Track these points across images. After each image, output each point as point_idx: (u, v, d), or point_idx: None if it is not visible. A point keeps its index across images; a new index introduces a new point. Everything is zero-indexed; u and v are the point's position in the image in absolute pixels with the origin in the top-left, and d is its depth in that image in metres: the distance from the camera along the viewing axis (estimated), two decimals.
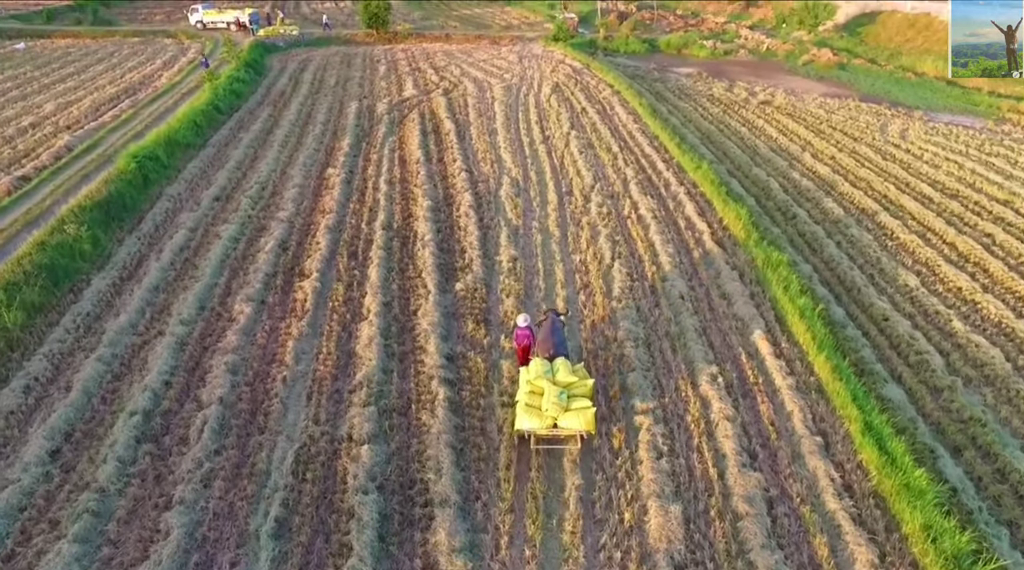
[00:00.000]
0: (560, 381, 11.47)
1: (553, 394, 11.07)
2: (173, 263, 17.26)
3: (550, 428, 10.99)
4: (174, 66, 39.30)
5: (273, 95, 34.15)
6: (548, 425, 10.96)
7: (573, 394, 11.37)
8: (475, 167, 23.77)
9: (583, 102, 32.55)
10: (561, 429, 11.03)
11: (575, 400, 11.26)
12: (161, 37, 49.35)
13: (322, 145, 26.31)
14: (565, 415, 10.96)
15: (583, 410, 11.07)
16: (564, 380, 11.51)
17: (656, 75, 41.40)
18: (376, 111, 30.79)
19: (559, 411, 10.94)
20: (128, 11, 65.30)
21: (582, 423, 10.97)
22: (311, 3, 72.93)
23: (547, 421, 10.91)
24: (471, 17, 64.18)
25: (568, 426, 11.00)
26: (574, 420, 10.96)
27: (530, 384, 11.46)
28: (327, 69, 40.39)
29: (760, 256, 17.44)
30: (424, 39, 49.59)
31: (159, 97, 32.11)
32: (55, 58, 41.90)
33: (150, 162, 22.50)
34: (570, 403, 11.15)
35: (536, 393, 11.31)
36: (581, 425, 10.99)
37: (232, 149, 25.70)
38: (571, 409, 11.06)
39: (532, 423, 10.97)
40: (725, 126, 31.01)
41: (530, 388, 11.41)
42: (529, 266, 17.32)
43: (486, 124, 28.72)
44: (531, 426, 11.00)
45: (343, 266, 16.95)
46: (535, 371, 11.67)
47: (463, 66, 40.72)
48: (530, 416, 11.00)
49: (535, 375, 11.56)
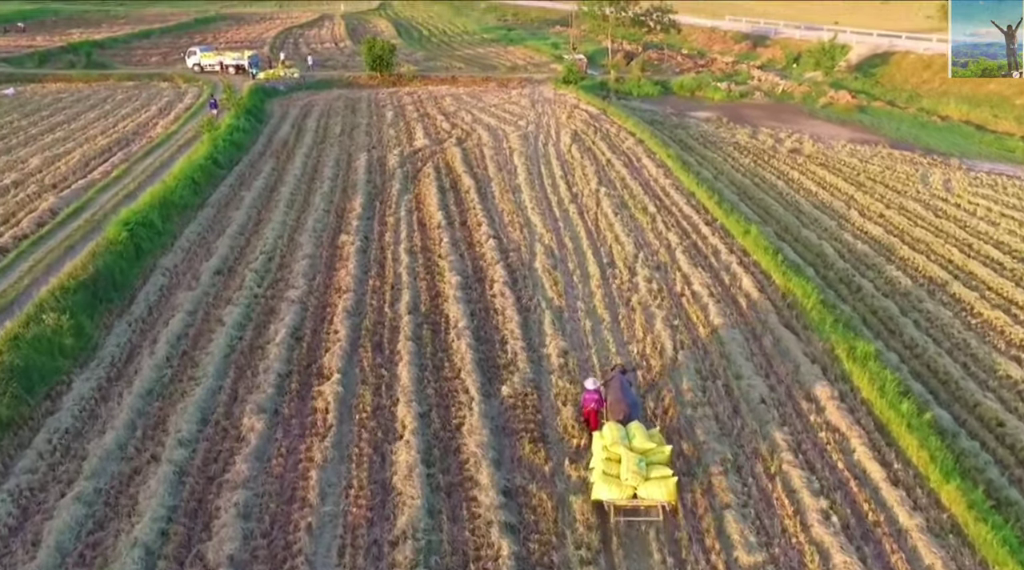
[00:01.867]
0: (637, 447, 10.91)
1: (632, 462, 10.50)
2: (169, 358, 14.90)
3: (630, 498, 10.48)
4: (170, 113, 37.30)
5: (276, 145, 32.11)
6: (628, 495, 10.46)
7: (652, 461, 10.76)
8: (503, 232, 21.63)
9: (607, 153, 30.67)
10: (641, 499, 10.49)
11: (654, 468, 10.63)
12: (157, 81, 47.47)
13: (332, 205, 24.16)
14: (645, 484, 10.38)
15: (664, 479, 10.45)
16: (641, 446, 10.95)
17: (675, 120, 39.75)
18: (387, 164, 28.75)
19: (639, 480, 10.38)
20: (123, 53, 63.70)
21: (664, 493, 10.39)
22: (310, 44, 71.65)
23: (627, 491, 10.39)
24: (475, 57, 62.88)
25: (649, 496, 10.45)
26: (655, 490, 10.37)
27: (606, 451, 10.89)
28: (331, 115, 38.48)
29: (841, 345, 15.30)
30: (430, 81, 47.96)
31: (154, 149, 29.99)
32: (45, 104, 39.86)
33: (143, 229, 20.24)
34: (649, 471, 10.54)
35: (613, 460, 10.77)
36: (663, 495, 10.43)
37: (233, 210, 23.50)
38: (651, 478, 10.45)
39: (611, 493, 10.47)
40: (759, 179, 29.14)
41: (606, 455, 10.86)
42: (582, 360, 15.07)
43: (508, 179, 26.69)
44: (610, 496, 10.50)
45: (368, 363, 14.64)
46: (610, 436, 11.05)
47: (474, 111, 38.93)
48: (608, 485, 10.46)
49: (611, 441, 10.97)
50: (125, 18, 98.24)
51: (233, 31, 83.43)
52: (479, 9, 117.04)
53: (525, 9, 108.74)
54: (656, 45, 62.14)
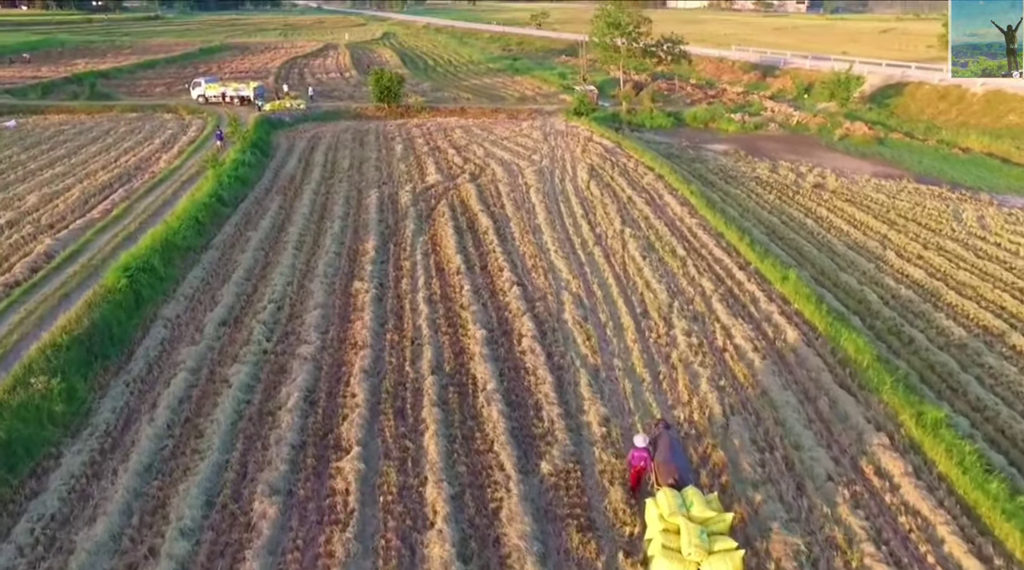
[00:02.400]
0: (697, 517, 10.06)
1: (693, 534, 9.65)
2: (170, 426, 13.52)
3: None
4: (173, 146, 36.25)
5: (282, 180, 30.99)
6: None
7: (713, 532, 9.93)
8: (527, 279, 20.35)
9: (627, 189, 29.53)
10: None
11: (717, 539, 9.78)
12: (160, 112, 46.56)
13: (343, 247, 22.91)
14: (710, 559, 9.49)
15: (730, 552, 9.58)
16: (701, 515, 10.10)
17: (692, 153, 38.72)
18: (400, 201, 27.57)
19: (702, 554, 9.50)
20: (127, 83, 63.10)
21: (730, 569, 9.47)
22: (315, 74, 71.16)
23: (689, 567, 9.55)
24: (482, 88, 62.25)
25: None
26: (721, 564, 9.48)
27: (663, 521, 10.07)
28: (339, 148, 37.45)
29: (906, 410, 13.93)
30: (438, 113, 47.09)
31: (156, 185, 28.84)
32: (46, 137, 38.84)
33: (144, 274, 18.96)
34: (712, 543, 9.68)
35: (671, 532, 9.93)
36: None
37: (239, 252, 22.25)
38: (715, 551, 9.59)
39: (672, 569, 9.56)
40: (787, 217, 27.95)
41: (663, 526, 10.02)
42: (625, 427, 13.67)
43: (527, 219, 25.49)
44: None
45: (390, 433, 13.24)
46: (666, 505, 10.17)
47: (485, 145, 37.92)
48: (669, 561, 9.59)
49: (668, 510, 10.11)
50: (130, 48, 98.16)
51: (238, 61, 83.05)
52: (483, 39, 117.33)
53: (530, 39, 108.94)
54: (665, 75, 61.58)
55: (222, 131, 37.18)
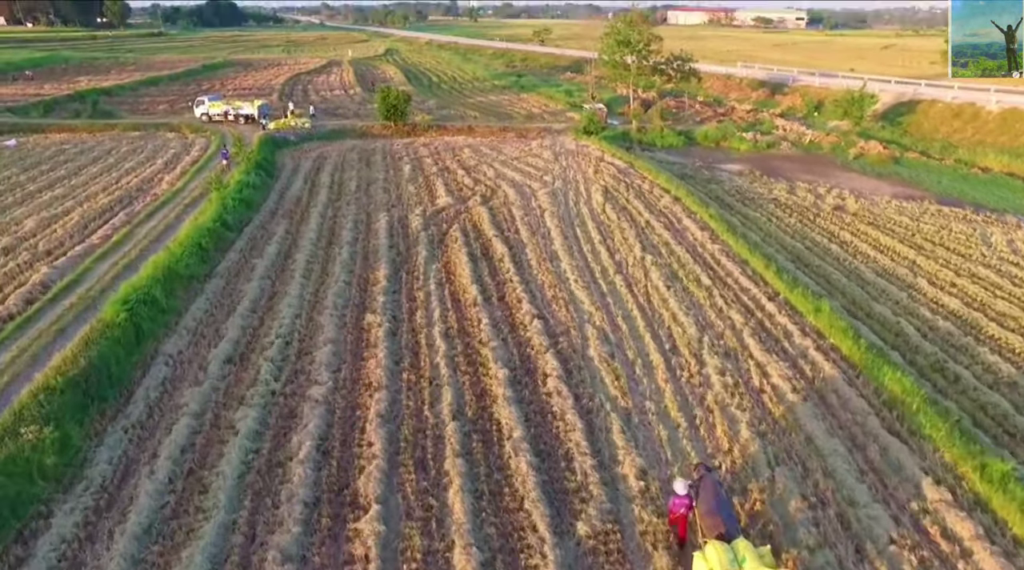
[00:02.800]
0: None
1: None
2: (172, 480, 12.47)
3: None
4: (176, 167, 35.44)
5: (288, 203, 30.10)
6: None
7: None
8: (547, 311, 19.35)
9: (644, 213, 28.62)
10: None
11: None
12: (163, 130, 45.86)
13: (353, 275, 21.94)
14: None
15: None
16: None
17: (706, 174, 37.86)
18: (410, 225, 26.65)
19: None
20: (130, 100, 62.52)
21: None
22: (319, 91, 70.61)
23: None
24: (488, 106, 61.61)
25: None
26: None
27: None
28: (345, 169, 36.62)
29: (967, 461, 12.89)
30: (445, 131, 46.34)
31: (159, 209, 27.95)
32: (47, 157, 38.06)
33: (144, 307, 17.98)
34: None
35: None
36: None
37: (244, 281, 21.28)
38: None
39: None
40: (810, 242, 26.98)
41: None
42: (664, 481, 12.61)
43: (543, 245, 24.55)
44: None
45: (411, 488, 12.19)
46: (717, 560, 9.40)
47: (495, 165, 37.09)
48: None
49: (719, 566, 9.34)
50: (134, 65, 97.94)
51: (241, 78, 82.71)
52: (487, 55, 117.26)
53: (534, 55, 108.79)
54: (673, 93, 60.93)
55: (227, 150, 36.42)
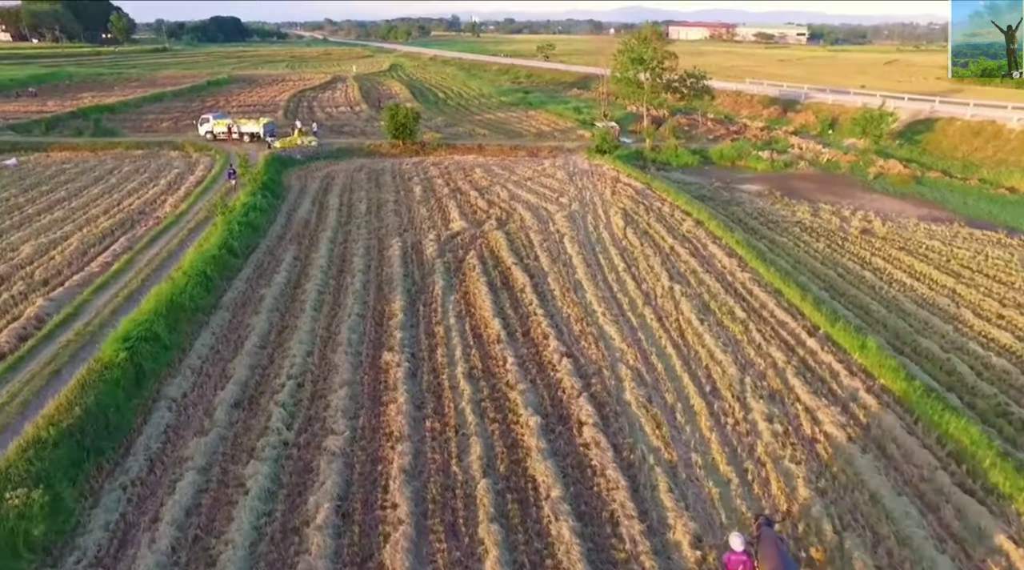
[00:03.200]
0: None
1: None
2: (175, 550, 11.22)
3: None
4: (180, 188, 34.37)
5: (296, 226, 28.96)
6: None
7: None
8: (576, 348, 18.13)
9: (667, 237, 27.46)
10: None
11: None
12: (167, 149, 44.87)
13: (367, 307, 20.75)
14: None
15: None
16: None
17: (726, 195, 36.75)
18: (425, 252, 25.49)
19: None
20: (133, 117, 61.67)
21: None
22: (324, 107, 69.79)
23: None
24: (496, 123, 60.69)
25: None
26: None
27: None
28: (354, 189, 35.55)
29: None
30: (455, 150, 45.33)
31: (162, 233, 26.81)
32: (47, 177, 37.03)
33: (146, 344, 16.79)
34: None
35: None
36: None
37: (252, 314, 20.09)
38: None
39: None
40: (842, 269, 25.77)
41: None
42: (720, 547, 11.33)
43: (565, 273, 23.37)
44: None
45: (443, 560, 10.92)
46: None
47: (509, 186, 36.01)
48: None
49: None
50: (138, 81, 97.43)
51: (245, 94, 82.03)
52: (491, 71, 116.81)
53: (539, 71, 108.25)
54: (684, 110, 60.00)
55: (234, 168, 35.42)
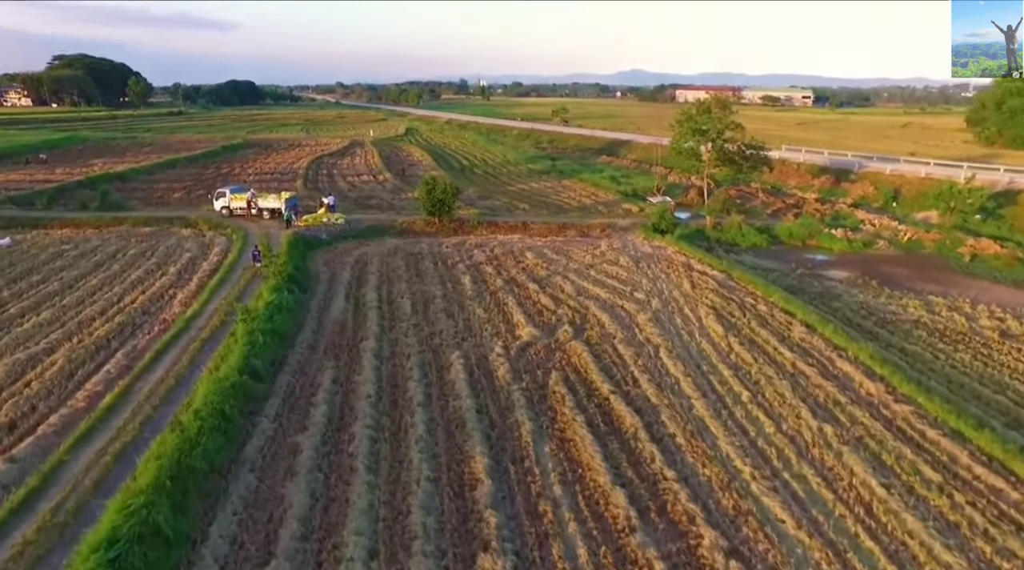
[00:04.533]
0: None
1: None
2: None
3: None
4: (191, 278, 29.74)
5: (330, 332, 24.11)
6: None
7: None
8: (738, 539, 12.87)
9: (780, 349, 22.51)
10: None
11: None
12: (178, 226, 40.51)
13: (439, 466, 15.61)
14: None
15: None
16: None
17: (816, 285, 31.91)
18: (495, 372, 20.52)
19: None
20: (144, 186, 57.91)
21: None
22: (346, 176, 66.11)
23: None
24: (532, 195, 56.58)
25: None
26: None
27: None
28: (393, 280, 30.82)
29: None
30: (497, 229, 40.81)
31: (169, 346, 21.96)
32: (41, 262, 32.56)
33: (141, 548, 11.72)
34: None
35: None
36: None
37: (286, 478, 15.00)
38: None
39: None
40: (1016, 394, 20.61)
41: None
42: None
43: (680, 408, 18.32)
44: None
45: None
46: None
47: (570, 276, 31.28)
48: None
49: None
50: (151, 146, 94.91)
51: (262, 160, 78.78)
52: (512, 136, 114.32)
53: (561, 136, 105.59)
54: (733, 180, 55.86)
55: (258, 250, 31.06)
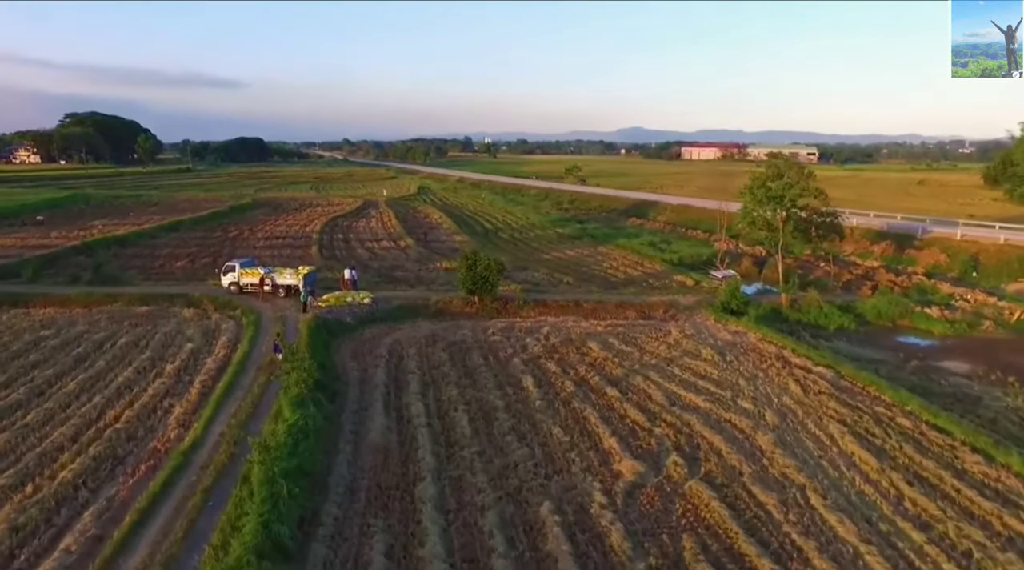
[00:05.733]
0: None
1: None
2: None
3: None
4: (192, 381, 24.31)
5: (372, 465, 18.52)
6: None
7: None
8: None
9: (961, 488, 16.93)
10: None
11: None
12: (180, 305, 35.24)
13: None
14: None
15: None
16: None
17: (943, 384, 26.45)
18: (605, 538, 14.85)
19: None
20: (145, 252, 53.16)
21: None
22: (364, 242, 61.33)
23: None
24: (569, 264, 51.53)
25: None
26: None
27: None
28: (439, 382, 25.19)
29: None
30: (546, 309, 35.40)
31: (157, 499, 16.38)
32: (12, 353, 27.29)
33: None
34: None
35: None
36: None
37: None
38: None
39: None
40: None
41: None
42: None
43: None
44: None
45: None
46: None
47: (651, 375, 25.80)
48: None
49: None
50: (156, 205, 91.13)
51: (271, 222, 74.33)
52: (530, 195, 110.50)
53: (582, 196, 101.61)
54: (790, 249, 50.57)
55: (279, 345, 25.90)
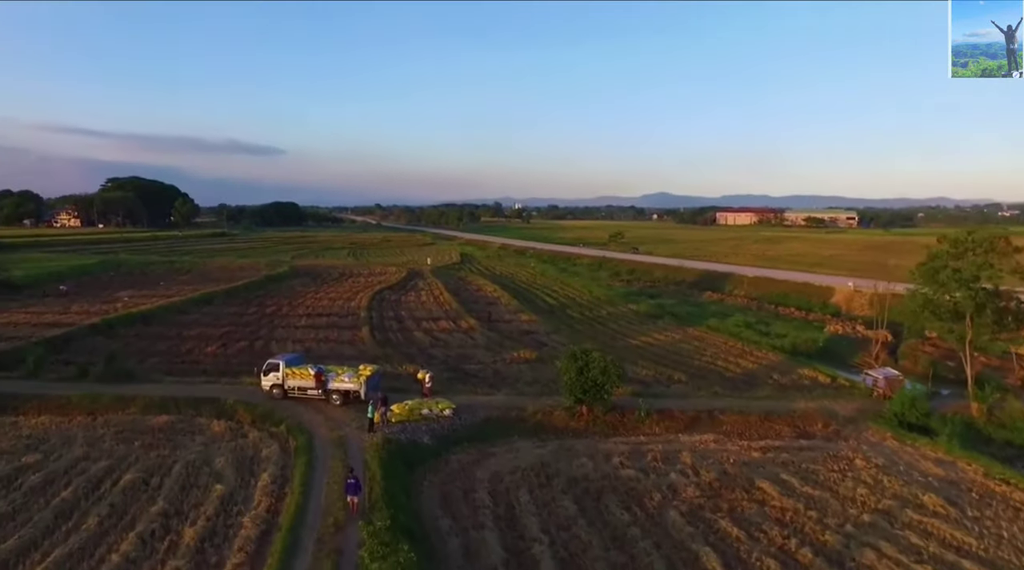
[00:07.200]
0: None
1: None
2: None
3: None
4: (223, 555, 16.51)
5: None
6: None
7: None
8: None
9: None
10: None
11: None
12: (207, 414, 27.69)
13: None
14: None
15: None
16: None
17: None
18: None
19: None
20: (172, 331, 46.37)
21: None
22: (419, 321, 53.93)
23: None
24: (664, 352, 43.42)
25: None
26: None
27: None
28: (572, 549, 17.13)
29: None
30: (672, 421, 27.22)
31: None
32: None
33: None
34: None
35: None
36: None
37: None
38: None
39: None
40: None
41: None
42: None
43: None
44: None
45: None
46: None
47: (885, 548, 17.43)
48: None
49: None
50: (188, 273, 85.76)
51: (312, 295, 67.64)
52: (583, 265, 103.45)
53: (642, 266, 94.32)
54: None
55: (358, 480, 18.25)
